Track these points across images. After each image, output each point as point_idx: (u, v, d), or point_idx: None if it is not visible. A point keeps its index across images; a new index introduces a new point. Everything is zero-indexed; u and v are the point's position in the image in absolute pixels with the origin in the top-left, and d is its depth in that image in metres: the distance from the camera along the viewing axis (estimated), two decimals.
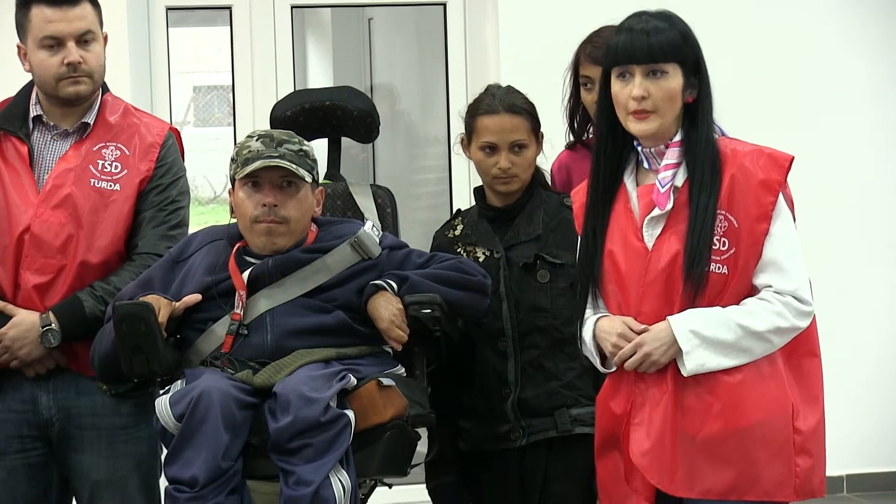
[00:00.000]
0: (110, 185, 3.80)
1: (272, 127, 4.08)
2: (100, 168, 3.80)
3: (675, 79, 3.23)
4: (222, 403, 3.35)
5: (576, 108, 4.15)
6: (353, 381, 3.46)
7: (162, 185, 3.86)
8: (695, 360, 3.17)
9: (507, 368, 3.81)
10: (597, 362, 3.39)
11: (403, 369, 3.71)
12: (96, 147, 3.81)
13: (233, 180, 3.71)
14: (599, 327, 3.33)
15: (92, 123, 3.83)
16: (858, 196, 6.58)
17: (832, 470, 3.35)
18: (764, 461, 3.19)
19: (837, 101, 6.52)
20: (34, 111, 3.84)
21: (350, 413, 3.40)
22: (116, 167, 3.82)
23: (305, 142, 3.75)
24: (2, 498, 3.76)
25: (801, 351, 3.28)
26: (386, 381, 3.50)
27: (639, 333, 3.23)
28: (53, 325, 3.71)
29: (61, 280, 3.75)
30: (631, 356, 3.23)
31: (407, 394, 3.57)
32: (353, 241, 3.69)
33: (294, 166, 3.64)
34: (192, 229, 3.98)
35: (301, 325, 3.58)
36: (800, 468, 3.22)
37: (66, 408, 3.79)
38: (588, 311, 3.40)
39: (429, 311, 3.58)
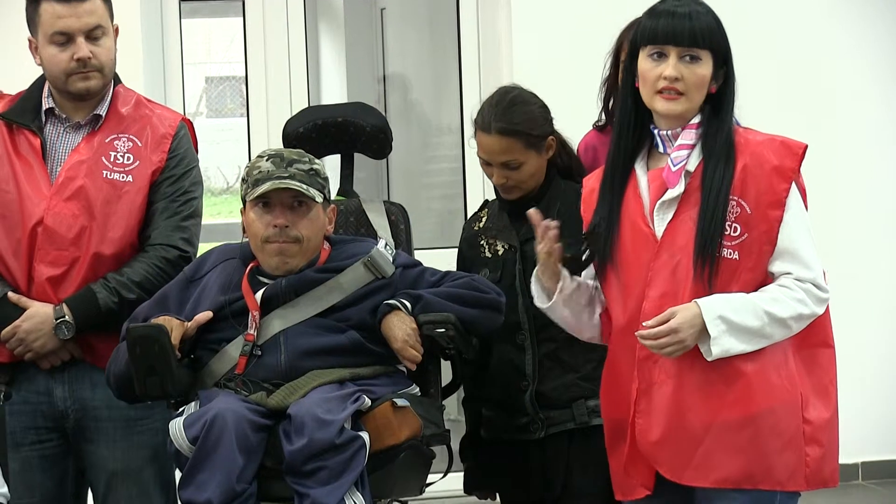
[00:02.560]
0: (123, 177, 3.80)
1: (285, 143, 4.08)
2: (112, 160, 3.80)
3: (706, 66, 3.22)
4: (236, 426, 3.35)
5: (612, 90, 4.13)
6: (368, 402, 3.46)
7: (174, 176, 3.85)
8: (720, 346, 3.15)
9: (524, 361, 3.81)
10: (540, 299, 3.40)
11: (418, 388, 3.71)
12: (108, 139, 3.81)
13: (244, 200, 3.70)
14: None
15: (104, 115, 3.83)
16: (870, 181, 6.56)
17: (847, 457, 3.35)
18: (777, 450, 3.18)
19: (850, 86, 6.51)
20: (46, 104, 3.84)
21: (365, 435, 3.40)
22: (129, 158, 3.82)
23: (316, 160, 3.73)
24: (18, 489, 3.78)
25: (812, 341, 3.27)
26: (400, 402, 3.50)
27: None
28: (67, 316, 3.72)
29: (75, 272, 3.75)
30: (659, 338, 3.20)
31: (422, 413, 3.57)
32: (367, 260, 3.68)
33: (304, 186, 3.62)
34: (204, 220, 3.98)
35: (315, 345, 3.58)
36: (810, 458, 3.21)
37: (81, 399, 3.80)
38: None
39: (443, 330, 3.57)
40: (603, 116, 4.20)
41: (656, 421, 3.24)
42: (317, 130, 4.11)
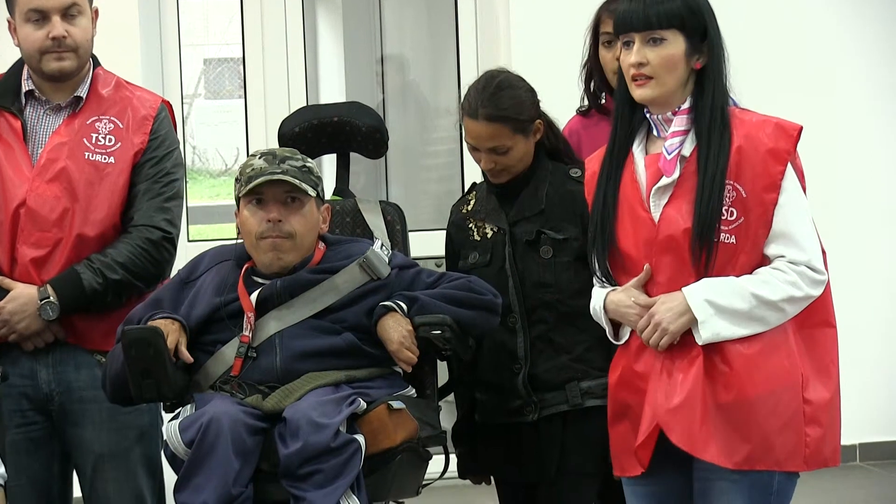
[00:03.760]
0: (105, 158, 3.80)
1: (280, 143, 4.07)
2: (94, 141, 3.80)
3: (674, 45, 3.22)
4: (232, 429, 3.35)
5: (593, 71, 4.11)
6: (363, 405, 3.46)
7: (156, 158, 3.85)
8: (710, 330, 3.16)
9: (516, 344, 3.79)
10: (610, 333, 3.40)
11: (414, 390, 3.71)
12: (90, 120, 3.82)
13: (237, 200, 3.70)
14: (612, 300, 3.32)
15: (84, 97, 3.83)
16: (870, 162, 6.56)
17: (845, 439, 3.35)
18: (775, 431, 3.19)
19: (848, 66, 6.51)
20: (26, 86, 3.84)
21: (360, 438, 3.40)
22: (110, 140, 3.82)
23: (309, 159, 3.73)
24: (7, 472, 3.78)
25: (814, 320, 3.27)
26: (396, 405, 3.50)
27: (645, 305, 3.24)
28: (52, 297, 3.72)
29: (58, 253, 3.75)
30: (645, 328, 3.23)
31: (417, 415, 3.58)
32: (362, 261, 3.68)
33: (297, 181, 3.62)
34: (204, 202, 3.97)
35: (310, 347, 3.58)
36: (810, 438, 3.21)
37: (65, 382, 3.80)
38: (595, 282, 3.40)
39: (439, 332, 3.57)
40: (585, 101, 4.18)
41: (673, 391, 3.23)
42: (312, 130, 4.09)
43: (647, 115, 3.30)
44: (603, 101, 4.15)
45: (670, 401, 3.23)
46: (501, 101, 3.75)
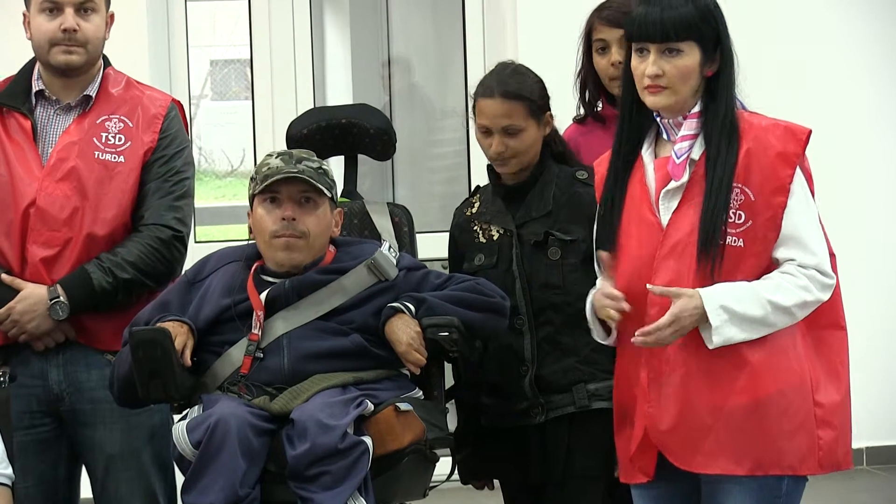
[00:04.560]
0: (115, 158, 3.82)
1: (288, 144, 4.08)
2: (104, 140, 3.82)
3: (690, 57, 3.21)
4: (239, 430, 3.35)
5: (587, 78, 4.11)
6: (371, 406, 3.46)
7: (166, 157, 3.87)
8: (722, 336, 3.15)
9: (523, 346, 3.79)
10: (598, 335, 3.40)
11: (421, 392, 3.71)
12: (99, 120, 3.83)
13: (251, 200, 3.69)
14: (597, 299, 3.32)
15: (94, 96, 3.85)
16: (868, 163, 6.57)
17: (852, 442, 3.34)
18: (786, 435, 3.17)
19: (851, 69, 6.51)
20: (36, 86, 3.85)
21: (368, 440, 3.41)
22: (120, 139, 3.83)
23: (324, 162, 3.75)
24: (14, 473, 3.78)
25: (823, 322, 3.26)
26: (403, 406, 3.50)
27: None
28: (62, 297, 3.72)
29: (68, 253, 3.76)
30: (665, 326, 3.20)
31: (425, 417, 3.58)
32: (370, 262, 3.68)
33: (313, 180, 3.63)
34: (210, 203, 3.98)
35: (318, 348, 3.58)
36: (823, 441, 3.20)
37: (76, 382, 3.81)
38: (598, 283, 3.40)
39: (447, 333, 3.57)
40: (581, 110, 4.17)
41: (666, 410, 3.23)
42: (320, 132, 4.11)
43: (657, 119, 3.29)
44: (598, 107, 4.14)
45: (662, 417, 3.23)
46: (519, 81, 3.79)
